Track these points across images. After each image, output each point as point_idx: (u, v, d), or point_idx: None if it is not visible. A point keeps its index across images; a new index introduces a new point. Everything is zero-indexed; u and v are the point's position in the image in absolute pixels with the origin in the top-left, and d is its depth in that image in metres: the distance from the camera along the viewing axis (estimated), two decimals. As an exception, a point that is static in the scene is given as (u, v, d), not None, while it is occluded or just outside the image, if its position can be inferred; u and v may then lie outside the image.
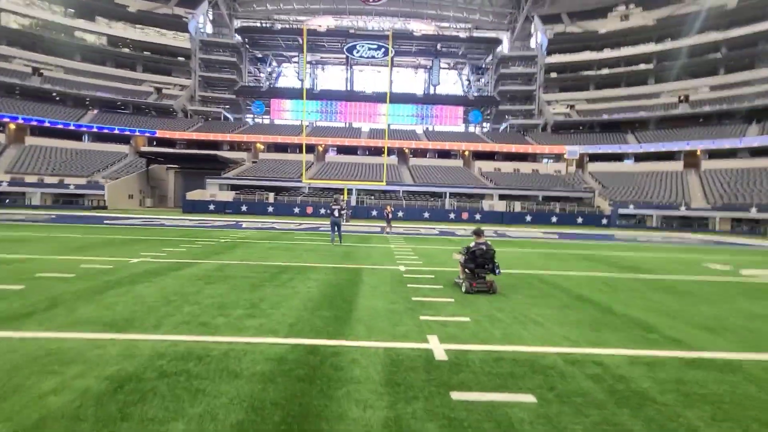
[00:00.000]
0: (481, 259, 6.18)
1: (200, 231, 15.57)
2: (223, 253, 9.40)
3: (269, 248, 10.75)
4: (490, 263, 6.22)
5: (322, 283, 6.43)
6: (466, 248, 6.35)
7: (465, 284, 6.12)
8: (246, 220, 23.93)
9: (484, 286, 6.06)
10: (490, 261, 6.22)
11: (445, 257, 9.95)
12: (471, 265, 6.21)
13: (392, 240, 14.44)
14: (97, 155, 41.45)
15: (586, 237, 20.17)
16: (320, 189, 35.72)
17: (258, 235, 14.53)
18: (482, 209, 31.42)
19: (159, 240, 11.91)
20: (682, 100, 45.51)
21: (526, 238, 17.72)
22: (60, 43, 51.70)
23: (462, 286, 6.21)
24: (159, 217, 23.43)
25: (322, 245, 11.53)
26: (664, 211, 31.13)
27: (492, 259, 6.26)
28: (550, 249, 13.45)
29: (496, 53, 56.82)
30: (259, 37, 57.93)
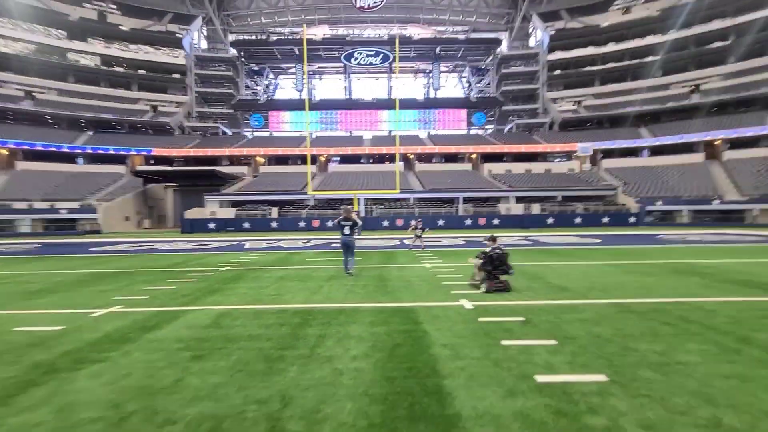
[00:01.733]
0: (497, 261, 6.89)
1: (197, 256, 13.30)
2: (221, 291, 7.13)
3: (280, 278, 8.47)
4: (504, 265, 6.91)
5: (372, 345, 4.15)
6: (483, 253, 7.01)
7: (485, 285, 6.78)
8: (249, 239, 21.68)
9: (501, 286, 6.74)
10: (504, 263, 6.92)
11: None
12: (489, 267, 6.86)
13: (420, 256, 12.18)
14: (92, 177, 39.37)
15: (629, 240, 17.87)
16: (326, 201, 33.53)
17: (264, 259, 12.26)
18: (499, 213, 29.14)
19: (144, 273, 9.64)
20: (693, 90, 43.50)
21: (565, 246, 15.44)
22: (53, 66, 50.12)
23: (481, 287, 6.83)
24: (154, 241, 21.19)
25: (341, 269, 9.24)
26: (695, 205, 28.83)
27: (506, 261, 6.94)
28: (608, 259, 11.16)
29: (497, 54, 55.10)
30: (254, 50, 56.30)
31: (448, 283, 7.65)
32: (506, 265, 6.89)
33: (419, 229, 13.92)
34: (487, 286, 6.71)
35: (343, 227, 8.65)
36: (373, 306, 5.84)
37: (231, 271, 9.60)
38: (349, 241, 8.66)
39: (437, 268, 9.62)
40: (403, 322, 4.95)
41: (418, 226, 13.98)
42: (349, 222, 8.64)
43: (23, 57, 48.65)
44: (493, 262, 6.83)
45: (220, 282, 8.11)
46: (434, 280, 7.96)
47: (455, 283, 7.60)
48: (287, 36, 56.56)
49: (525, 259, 11.05)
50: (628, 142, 40.05)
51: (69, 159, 42.60)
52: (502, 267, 6.85)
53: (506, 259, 6.92)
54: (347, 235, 8.65)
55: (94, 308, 5.97)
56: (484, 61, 58.39)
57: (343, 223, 8.66)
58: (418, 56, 57.51)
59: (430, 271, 9.22)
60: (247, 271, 9.69)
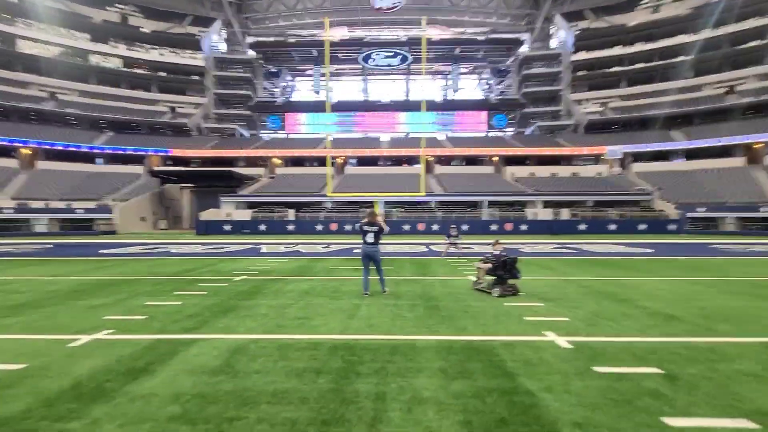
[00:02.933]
0: (509, 266, 6.85)
1: (210, 262, 12.03)
2: (235, 311, 5.74)
3: (305, 293, 7.07)
4: (514, 269, 6.88)
5: (463, 421, 2.67)
6: (494, 256, 7.07)
7: (497, 289, 6.68)
8: (265, 242, 20.44)
9: (511, 290, 6.75)
10: (514, 267, 6.88)
11: (589, 302, 6.14)
12: (500, 272, 6.82)
13: (457, 264, 10.65)
14: (110, 177, 38.92)
15: (684, 250, 16.01)
16: (343, 203, 32.22)
17: (283, 267, 10.90)
18: (527, 218, 27.36)
19: (149, 281, 8.36)
20: (728, 92, 40.99)
21: (616, 256, 13.73)
22: (75, 67, 50.25)
23: (494, 292, 6.70)
24: (167, 242, 20.10)
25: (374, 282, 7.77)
26: (741, 213, 26.58)
27: (515, 265, 6.90)
28: (683, 273, 9.49)
29: (518, 55, 53.25)
30: (272, 52, 55.64)
31: (510, 303, 6.13)
32: (516, 270, 6.92)
33: (454, 235, 12.46)
34: (501, 290, 6.67)
35: (365, 233, 6.81)
36: (435, 340, 4.36)
37: (247, 282, 8.24)
38: (372, 251, 6.78)
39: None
40: (489, 373, 3.45)
41: (451, 233, 12.52)
42: (373, 227, 6.84)
43: (47, 59, 48.90)
44: (505, 266, 6.85)
45: (234, 297, 6.73)
46: (491, 299, 6.43)
47: (520, 304, 6.07)
48: (305, 38, 55.76)
49: (584, 272, 9.43)
50: (660, 145, 37.79)
51: (88, 159, 42.32)
52: (512, 271, 6.89)
53: (515, 263, 6.97)
54: (371, 244, 6.76)
55: (76, 333, 4.64)
56: (504, 63, 56.55)
57: (366, 229, 6.84)
58: (437, 57, 56.01)
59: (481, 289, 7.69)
60: (265, 282, 8.30)
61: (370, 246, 6.80)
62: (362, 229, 6.87)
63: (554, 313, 5.55)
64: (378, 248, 6.86)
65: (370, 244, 6.80)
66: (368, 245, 6.80)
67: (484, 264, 7.24)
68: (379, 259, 6.92)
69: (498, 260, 6.92)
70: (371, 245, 6.80)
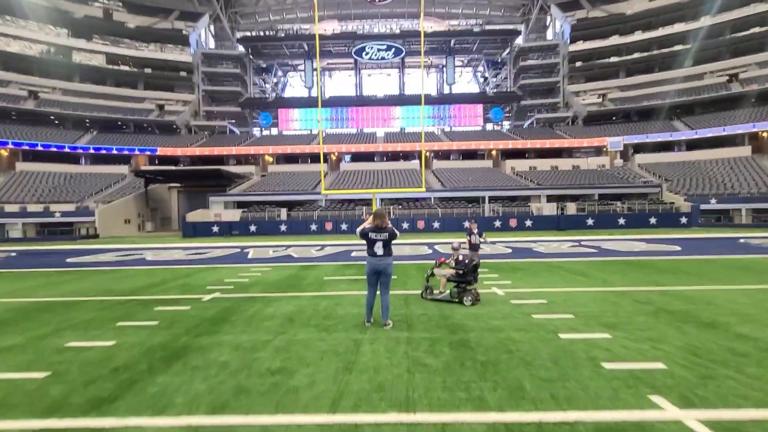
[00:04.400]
0: (475, 272, 6.22)
1: (185, 272, 10.26)
2: (185, 360, 4.02)
3: (288, 321, 5.35)
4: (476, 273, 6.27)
5: None
6: (460, 261, 6.25)
7: (469, 298, 5.92)
8: (255, 245, 18.65)
9: (478, 298, 6.06)
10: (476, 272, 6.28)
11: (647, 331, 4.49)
12: (470, 277, 6.13)
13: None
14: (94, 178, 36.81)
15: (714, 246, 14.48)
16: (338, 201, 30.46)
17: (268, 277, 9.17)
18: (532, 214, 25.77)
19: (94, 305, 6.58)
20: (730, 80, 39.62)
21: (645, 256, 12.15)
22: (57, 65, 47.88)
23: (466, 301, 5.91)
24: (147, 248, 18.24)
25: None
26: (755, 204, 25.18)
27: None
28: (745, 280, 7.89)
29: (514, 46, 51.58)
30: (262, 46, 53.57)
31: (576, 335, 4.45)
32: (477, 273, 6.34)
33: (475, 234, 8.46)
34: (473, 298, 5.94)
35: (373, 241, 4.89)
36: (487, 424, 2.66)
37: (216, 303, 6.49)
38: (383, 266, 4.89)
39: (520, 298, 6.40)
40: None
41: (473, 231, 8.47)
42: (383, 233, 4.89)
43: (27, 56, 46.49)
44: (474, 272, 6.20)
45: (191, 330, 4.98)
46: (545, 330, 4.73)
47: (577, 336, 4.39)
48: (295, 32, 53.70)
49: (626, 280, 7.76)
50: (663, 135, 36.33)
51: (71, 160, 40.15)
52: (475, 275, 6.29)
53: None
54: (380, 256, 4.87)
55: None
56: (500, 55, 54.97)
57: (373, 236, 4.89)
58: (432, 50, 54.28)
59: (513, 303, 6.01)
60: (240, 302, 6.56)
61: (380, 259, 4.89)
62: (368, 236, 4.93)
63: (635, 352, 3.89)
64: (391, 261, 5.02)
65: (380, 257, 4.90)
66: (377, 258, 4.89)
67: (448, 270, 6.32)
68: (389, 277, 5.06)
69: (469, 265, 6.11)
70: (382, 258, 4.90)
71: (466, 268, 6.11)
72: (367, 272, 5.03)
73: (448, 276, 6.27)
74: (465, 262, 6.19)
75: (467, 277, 6.08)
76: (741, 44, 40.75)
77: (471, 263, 6.15)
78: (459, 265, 6.21)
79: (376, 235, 4.95)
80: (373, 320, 5.11)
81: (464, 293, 5.97)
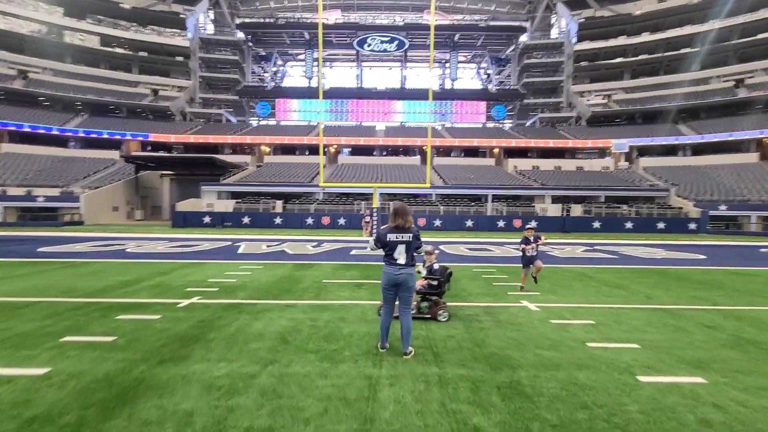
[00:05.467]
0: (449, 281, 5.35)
1: (165, 267, 9.05)
2: (131, 408, 2.86)
3: (280, 343, 4.21)
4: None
5: None
6: (435, 269, 5.26)
7: (444, 313, 5.01)
8: (247, 237, 17.43)
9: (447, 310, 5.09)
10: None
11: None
12: (444, 288, 5.23)
13: (491, 278, 7.88)
14: (82, 162, 35.21)
15: (738, 255, 13.51)
16: (336, 194, 29.25)
17: (259, 278, 8.01)
18: (537, 215, 24.75)
19: (45, 311, 5.38)
20: (737, 85, 38.81)
21: (668, 264, 11.16)
22: (49, 45, 45.94)
23: (440, 316, 4.98)
24: (131, 237, 16.95)
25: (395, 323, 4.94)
26: (765, 212, 24.36)
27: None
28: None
29: (518, 44, 50.31)
30: (262, 33, 51.78)
31: (661, 379, 3.35)
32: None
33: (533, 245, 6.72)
34: (446, 316, 5.04)
35: (392, 246, 3.77)
36: None
37: (193, 313, 5.31)
38: (404, 277, 3.76)
39: (560, 316, 5.30)
40: None
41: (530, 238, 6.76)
42: (406, 234, 3.80)
43: (17, 34, 44.50)
44: (449, 281, 5.39)
45: (153, 353, 3.82)
46: (616, 369, 3.61)
47: (684, 380, 3.29)
48: (297, 20, 52.00)
49: (671, 295, 6.69)
50: (669, 139, 35.44)
51: (60, 143, 38.47)
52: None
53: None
54: (401, 265, 3.76)
55: None
56: (504, 51, 53.66)
57: (393, 238, 3.77)
58: (435, 44, 52.72)
59: (554, 324, 4.91)
60: (222, 311, 5.39)
61: (401, 269, 3.75)
62: (385, 240, 3.78)
63: (758, 411, 2.79)
64: (413, 272, 3.88)
65: (401, 266, 3.76)
66: (396, 267, 3.75)
67: (419, 281, 5.08)
68: (412, 292, 3.90)
69: (444, 274, 5.21)
70: (402, 267, 3.75)
71: (441, 277, 5.15)
72: (383, 285, 3.87)
73: (417, 288, 4.99)
74: (440, 271, 5.24)
75: (441, 288, 5.17)
76: (748, 49, 39.93)
77: (446, 271, 5.25)
78: (433, 273, 5.21)
79: (397, 237, 3.80)
80: (389, 344, 3.99)
81: (438, 307, 5.05)
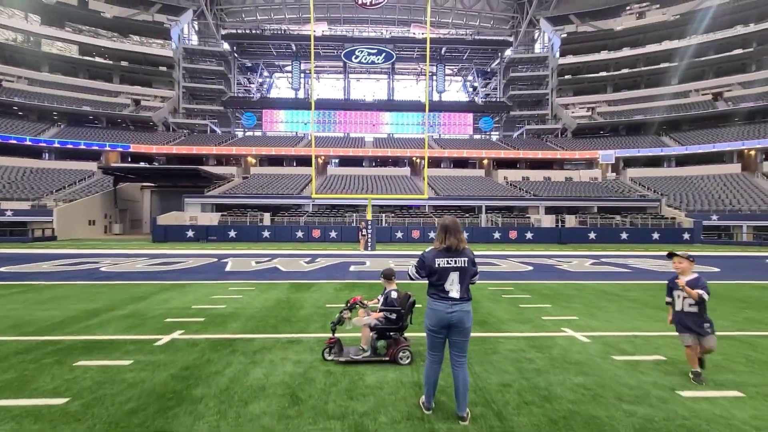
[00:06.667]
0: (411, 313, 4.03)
1: (142, 291, 7.85)
2: None
3: (290, 404, 3.22)
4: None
5: None
6: (393, 299, 4.03)
7: (406, 354, 3.90)
8: (234, 253, 16.19)
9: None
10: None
11: None
12: (406, 322, 4.00)
13: (520, 302, 6.98)
14: (57, 174, 33.25)
15: (751, 267, 13.03)
16: (327, 207, 28.18)
17: (251, 303, 6.92)
18: (533, 226, 24.19)
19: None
20: (715, 98, 39.72)
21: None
22: (25, 53, 44.10)
23: (402, 359, 3.87)
24: (107, 254, 15.50)
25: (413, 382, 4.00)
26: (756, 221, 24.41)
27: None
28: None
29: (504, 57, 50.85)
30: (248, 45, 50.92)
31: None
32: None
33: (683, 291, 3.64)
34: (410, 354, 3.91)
35: (443, 275, 2.80)
36: None
37: (176, 352, 4.22)
38: (457, 316, 2.77)
39: (620, 350, 4.42)
40: None
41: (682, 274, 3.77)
42: (460, 259, 2.81)
43: (-9, 42, 42.46)
44: (408, 312, 3.99)
45: (115, 425, 2.74)
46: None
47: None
48: (284, 31, 51.35)
49: (730, 320, 5.91)
50: (654, 150, 35.76)
51: (33, 154, 36.39)
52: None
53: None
54: (455, 300, 2.78)
55: None
56: (490, 65, 54.18)
57: (442, 262, 2.79)
58: (422, 57, 52.94)
59: (619, 362, 4.02)
60: (212, 350, 4.30)
61: (455, 305, 2.79)
62: (433, 266, 2.81)
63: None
64: (471, 309, 2.87)
65: (456, 301, 2.80)
66: (449, 303, 2.79)
67: (373, 315, 4.08)
68: (469, 335, 2.88)
69: (405, 304, 4.01)
70: (457, 303, 2.79)
71: (402, 309, 3.99)
72: (430, 326, 2.88)
73: (372, 324, 4.01)
74: (400, 298, 4.08)
75: (402, 322, 4.02)
76: (725, 64, 41.06)
77: (408, 300, 4.05)
78: (391, 304, 4.04)
79: (448, 262, 2.82)
80: (435, 403, 3.02)
81: (399, 347, 3.92)
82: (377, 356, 4.01)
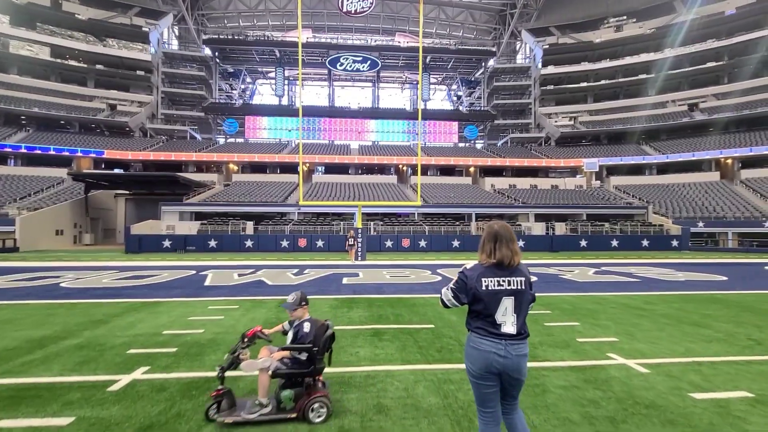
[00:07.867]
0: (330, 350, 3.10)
1: (105, 313, 6.66)
2: None
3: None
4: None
5: None
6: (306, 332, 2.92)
7: (320, 407, 2.80)
8: (214, 264, 14.93)
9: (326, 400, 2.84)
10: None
11: None
12: (321, 364, 2.97)
13: (542, 319, 6.16)
14: (23, 181, 31.08)
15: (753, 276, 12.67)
16: (313, 215, 27.06)
17: (235, 330, 5.89)
18: (524, 234, 23.69)
19: None
20: (691, 109, 40.73)
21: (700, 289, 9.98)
22: (-10, 55, 41.54)
23: (314, 416, 2.76)
24: (71, 266, 14.00)
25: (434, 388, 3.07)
26: (741, 228, 24.61)
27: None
28: None
29: (488, 67, 51.18)
30: (230, 50, 49.64)
31: None
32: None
33: None
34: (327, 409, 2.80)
35: (492, 302, 1.93)
36: None
37: (134, 403, 3.16)
38: (513, 361, 1.90)
39: (692, 383, 3.62)
40: None
41: None
42: (516, 279, 1.98)
43: (-47, 42, 39.91)
44: (325, 348, 2.97)
45: None
46: None
47: None
48: (267, 37, 50.34)
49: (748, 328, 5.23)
50: (636, 158, 36.21)
51: (-2, 159, 34.04)
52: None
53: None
54: (512, 337, 1.92)
55: None
56: (474, 74, 54.44)
57: (491, 284, 1.93)
58: (407, 65, 52.80)
59: (695, 400, 3.20)
60: (183, 396, 3.27)
61: (511, 345, 1.92)
62: (478, 289, 1.93)
63: None
64: (527, 350, 1.99)
65: (511, 340, 1.92)
66: (502, 343, 1.91)
67: (276, 354, 2.98)
68: (523, 382, 2.00)
69: (320, 339, 2.95)
70: (512, 344, 1.92)
71: (316, 343, 2.92)
72: (475, 373, 1.96)
73: (273, 368, 2.90)
74: (312, 331, 2.95)
75: (315, 364, 2.93)
76: (699, 76, 42.25)
77: (325, 333, 3.02)
78: (301, 340, 2.95)
79: (500, 284, 1.96)
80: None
81: (311, 398, 2.82)
82: (280, 413, 2.87)
